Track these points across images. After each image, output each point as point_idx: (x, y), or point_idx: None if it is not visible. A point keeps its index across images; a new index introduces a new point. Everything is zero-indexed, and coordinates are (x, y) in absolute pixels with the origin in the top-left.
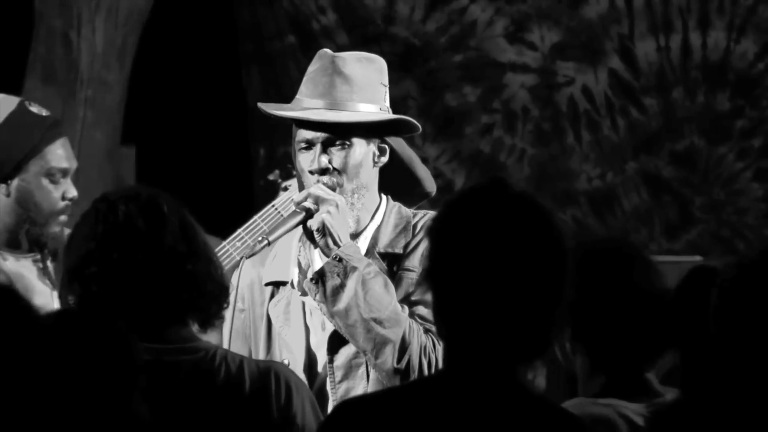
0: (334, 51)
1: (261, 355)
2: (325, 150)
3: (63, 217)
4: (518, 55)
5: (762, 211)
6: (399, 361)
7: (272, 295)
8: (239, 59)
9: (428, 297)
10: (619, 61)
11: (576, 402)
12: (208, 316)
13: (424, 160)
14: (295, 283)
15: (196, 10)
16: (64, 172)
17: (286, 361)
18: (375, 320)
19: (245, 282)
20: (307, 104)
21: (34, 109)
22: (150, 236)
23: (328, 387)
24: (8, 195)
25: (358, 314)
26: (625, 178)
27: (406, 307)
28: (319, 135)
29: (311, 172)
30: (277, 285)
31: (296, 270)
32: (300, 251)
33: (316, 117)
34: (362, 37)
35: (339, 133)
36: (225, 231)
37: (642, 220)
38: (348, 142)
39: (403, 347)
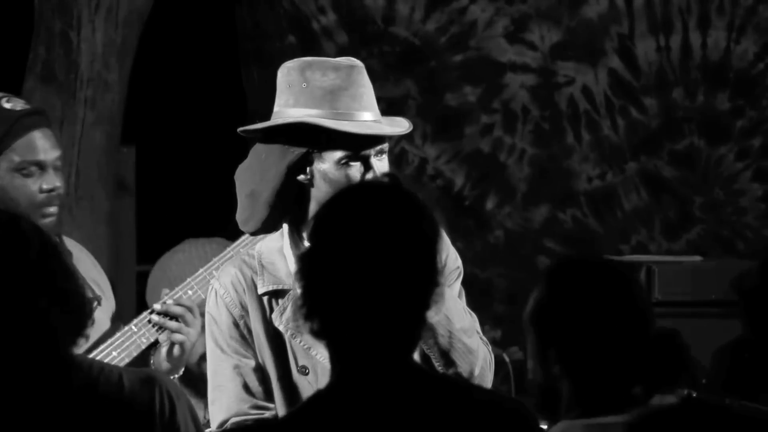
0: (334, 51)
1: (268, 364)
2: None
3: (49, 209)
4: (518, 55)
5: (762, 211)
6: (477, 369)
7: (272, 304)
8: (239, 59)
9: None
10: (619, 61)
11: (563, 426)
12: (77, 330)
13: (424, 160)
14: None
15: (196, 10)
16: (39, 165)
17: (305, 369)
18: (461, 330)
19: (237, 287)
20: (358, 117)
21: (8, 104)
22: (14, 252)
23: None
24: None
25: (444, 327)
26: (625, 178)
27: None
28: (376, 147)
29: None
30: (275, 293)
31: None
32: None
33: (390, 130)
34: (362, 37)
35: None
36: (224, 232)
37: (642, 220)
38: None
39: (477, 355)
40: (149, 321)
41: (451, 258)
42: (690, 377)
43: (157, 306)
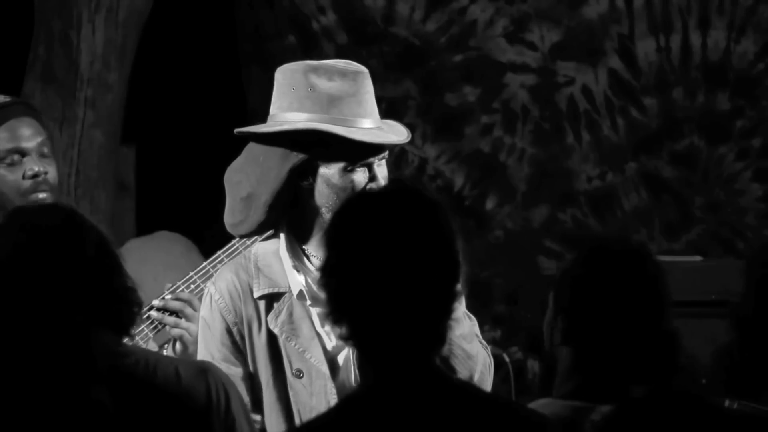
0: (334, 51)
1: (262, 369)
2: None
3: (37, 195)
4: (518, 55)
5: (762, 211)
6: (477, 374)
7: (267, 308)
8: (239, 59)
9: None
10: (619, 61)
11: (544, 402)
12: (127, 325)
13: (424, 160)
14: (304, 292)
15: (196, 11)
16: (21, 152)
17: (299, 373)
18: (461, 336)
19: (232, 292)
20: (362, 123)
21: None
22: (73, 245)
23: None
24: None
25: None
26: (625, 178)
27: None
28: (380, 154)
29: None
30: (271, 297)
31: (299, 279)
32: (293, 261)
33: (395, 139)
34: (362, 37)
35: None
36: (224, 232)
37: (642, 220)
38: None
39: (477, 360)
40: (148, 317)
41: None
42: (685, 378)
43: (156, 302)
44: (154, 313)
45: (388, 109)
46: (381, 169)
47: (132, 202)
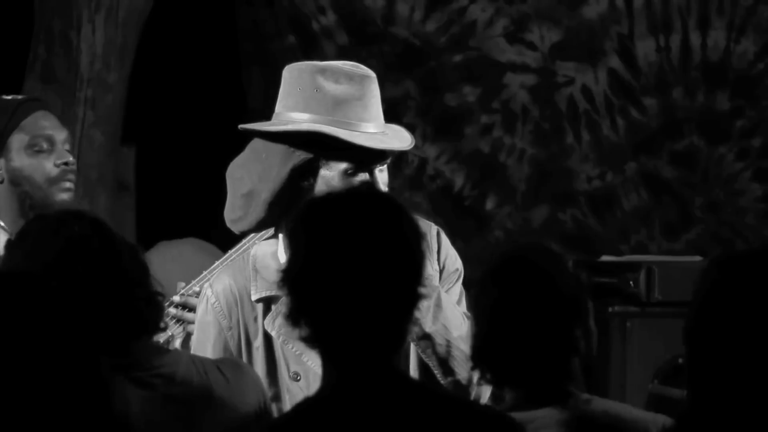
0: (334, 51)
1: (259, 372)
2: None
3: (65, 184)
4: (518, 55)
5: (762, 211)
6: (476, 375)
7: (264, 311)
8: (239, 59)
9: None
10: (618, 61)
11: None
12: (156, 323)
13: (424, 160)
14: None
15: (196, 11)
16: (49, 140)
17: (296, 375)
18: (459, 338)
19: (228, 296)
20: (366, 128)
21: (8, 97)
22: (108, 252)
23: None
24: (2, 181)
25: (442, 336)
26: (625, 178)
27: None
28: (384, 160)
29: None
30: (268, 299)
31: None
32: None
33: (398, 145)
34: (362, 37)
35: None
36: (224, 232)
37: (642, 220)
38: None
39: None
40: (167, 314)
41: (450, 259)
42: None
43: (176, 298)
44: (172, 310)
45: (388, 110)
46: (382, 175)
47: (132, 202)
